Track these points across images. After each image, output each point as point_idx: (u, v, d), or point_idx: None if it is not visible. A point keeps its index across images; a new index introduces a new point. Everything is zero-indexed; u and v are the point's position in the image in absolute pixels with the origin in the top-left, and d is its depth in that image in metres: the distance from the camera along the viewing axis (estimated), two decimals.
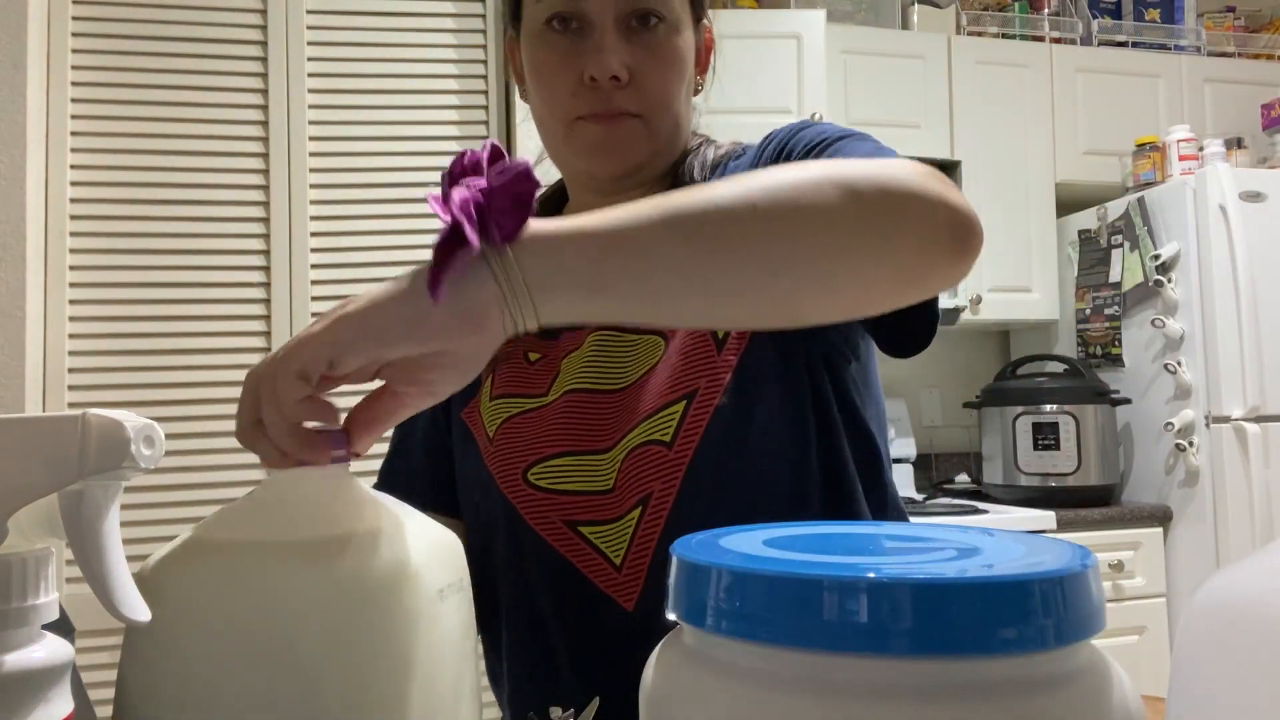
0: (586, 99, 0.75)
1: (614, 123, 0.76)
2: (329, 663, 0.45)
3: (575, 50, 0.75)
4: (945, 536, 0.34)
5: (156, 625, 0.42)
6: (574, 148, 0.78)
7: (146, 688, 0.46)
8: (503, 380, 0.82)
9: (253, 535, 0.47)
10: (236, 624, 0.45)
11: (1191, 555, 2.48)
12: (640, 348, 0.77)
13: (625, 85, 0.75)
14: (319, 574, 0.46)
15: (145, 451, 0.39)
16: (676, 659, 0.32)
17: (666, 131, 0.79)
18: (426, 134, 2.23)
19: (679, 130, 0.81)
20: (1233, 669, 0.33)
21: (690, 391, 0.73)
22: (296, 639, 0.45)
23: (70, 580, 1.86)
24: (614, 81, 0.74)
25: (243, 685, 0.44)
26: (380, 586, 0.46)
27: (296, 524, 0.48)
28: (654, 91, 0.76)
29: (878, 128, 2.70)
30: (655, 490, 0.73)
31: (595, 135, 0.76)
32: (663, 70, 0.76)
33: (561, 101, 0.76)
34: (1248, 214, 2.47)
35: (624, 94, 0.75)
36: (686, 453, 0.72)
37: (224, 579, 0.46)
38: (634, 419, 0.74)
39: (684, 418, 0.73)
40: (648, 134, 0.77)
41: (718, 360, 0.74)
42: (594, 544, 0.75)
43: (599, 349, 0.78)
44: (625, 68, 0.74)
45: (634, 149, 0.78)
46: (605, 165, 0.78)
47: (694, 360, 0.74)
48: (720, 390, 0.73)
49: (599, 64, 0.73)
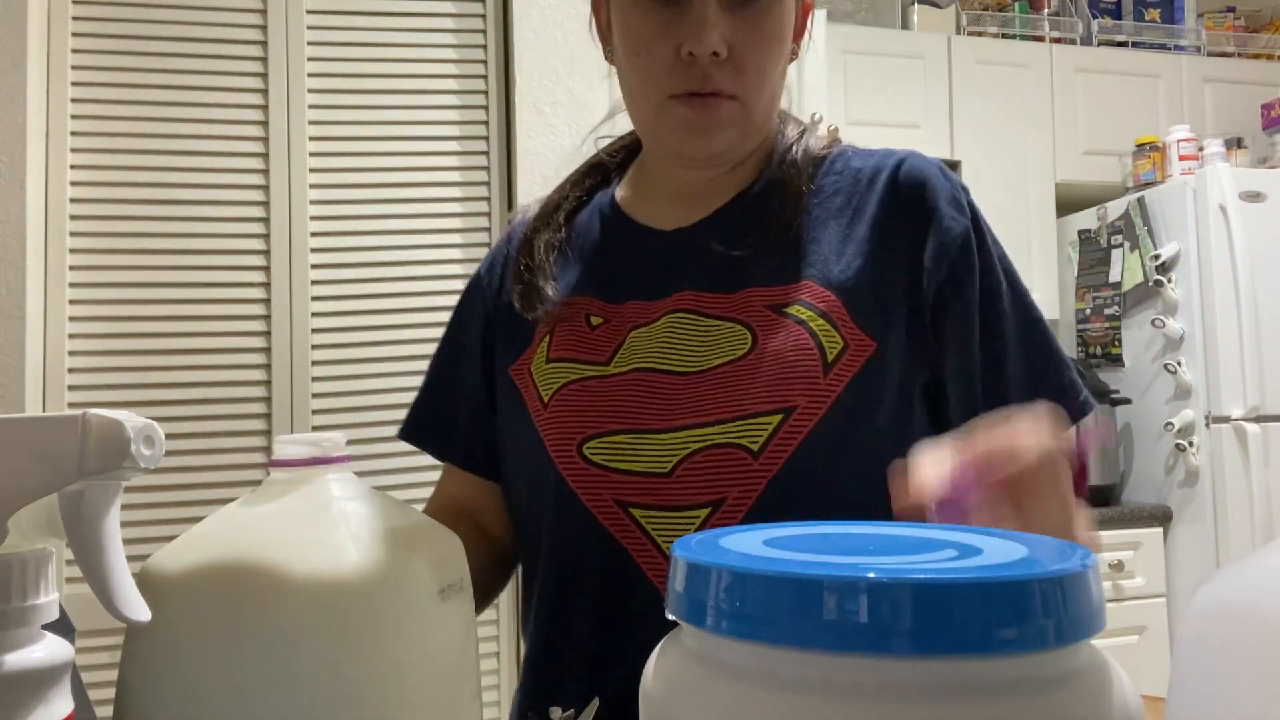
0: (683, 75, 0.72)
1: (709, 106, 0.73)
2: (328, 664, 0.45)
3: (674, 22, 0.71)
4: (945, 536, 0.34)
5: (156, 625, 0.42)
6: (665, 125, 0.76)
7: (146, 688, 0.46)
8: (562, 343, 0.79)
9: (253, 535, 0.47)
10: (236, 623, 0.45)
11: (1191, 555, 2.48)
12: (721, 334, 0.74)
13: (723, 62, 0.72)
14: (319, 574, 0.46)
15: (145, 451, 0.39)
16: (676, 659, 0.32)
17: (761, 112, 0.77)
18: (426, 134, 2.23)
19: (772, 109, 0.79)
20: (1233, 669, 0.33)
21: (789, 407, 0.70)
22: (297, 640, 0.45)
23: (70, 580, 1.86)
24: (713, 58, 0.71)
25: (243, 686, 0.44)
26: (381, 586, 0.46)
27: (298, 524, 0.48)
28: (752, 71, 0.73)
29: (878, 128, 2.71)
30: (731, 496, 0.70)
31: (688, 116, 0.74)
32: (764, 48, 0.73)
33: (657, 76, 0.73)
34: (1248, 214, 2.47)
35: (721, 71, 0.72)
36: (773, 466, 0.70)
37: (224, 579, 0.46)
38: (711, 411, 0.72)
39: (777, 431, 0.70)
40: (743, 116, 0.75)
41: (823, 381, 0.71)
42: (645, 528, 0.72)
43: (676, 329, 0.76)
44: (725, 43, 0.71)
45: (726, 132, 0.75)
46: (695, 147, 0.76)
47: (797, 375, 0.71)
48: (822, 412, 0.70)
49: (699, 39, 0.70)
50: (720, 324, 0.75)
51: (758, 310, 0.74)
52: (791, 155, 0.80)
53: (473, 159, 2.24)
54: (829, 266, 0.75)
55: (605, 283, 0.81)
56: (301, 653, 0.44)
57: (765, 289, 0.75)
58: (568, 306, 0.80)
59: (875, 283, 0.75)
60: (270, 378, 2.11)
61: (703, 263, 0.78)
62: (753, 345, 0.73)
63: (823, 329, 0.73)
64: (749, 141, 0.79)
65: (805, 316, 0.73)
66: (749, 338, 0.73)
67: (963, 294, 0.75)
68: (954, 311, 0.75)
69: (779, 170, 0.80)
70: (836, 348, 0.72)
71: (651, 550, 0.72)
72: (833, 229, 0.77)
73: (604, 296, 0.80)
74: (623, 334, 0.78)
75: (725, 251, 0.77)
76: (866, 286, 0.74)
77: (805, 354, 0.72)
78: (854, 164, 0.81)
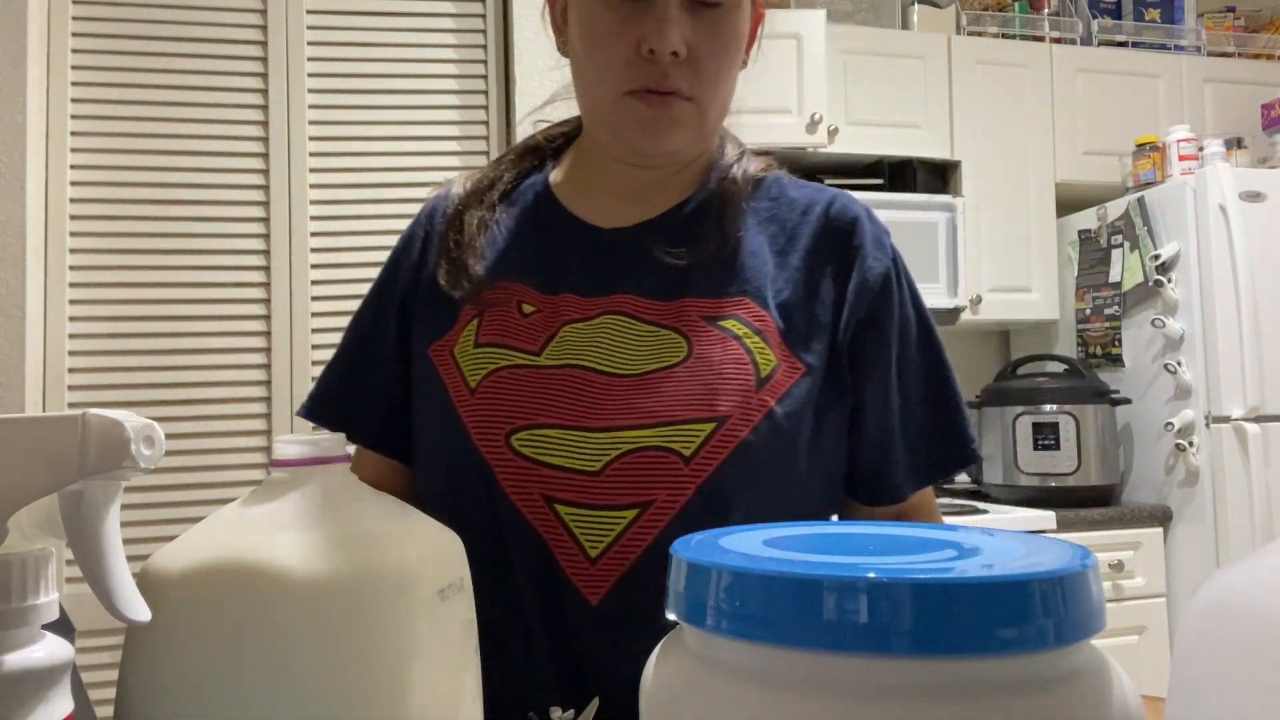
0: (641, 72, 0.73)
1: (665, 104, 0.74)
2: (329, 663, 0.45)
3: (636, 18, 0.72)
4: (945, 536, 0.34)
5: (156, 625, 0.42)
6: (621, 121, 0.76)
7: (147, 687, 0.46)
8: (492, 328, 0.78)
9: (253, 535, 0.47)
10: (236, 623, 0.45)
11: (1191, 555, 2.48)
12: (657, 341, 0.75)
13: (681, 63, 0.72)
14: (319, 574, 0.46)
15: (145, 451, 0.39)
16: (677, 659, 0.32)
17: (714, 116, 0.78)
18: (426, 134, 2.23)
19: (723, 114, 0.80)
20: (1233, 669, 0.33)
21: (722, 416, 0.72)
22: (296, 639, 0.45)
23: (70, 580, 1.86)
24: (672, 57, 0.72)
25: (242, 685, 0.44)
26: (381, 586, 0.46)
27: (297, 523, 0.48)
28: (709, 73, 0.74)
29: (878, 128, 2.71)
30: (660, 498, 0.71)
31: (644, 114, 0.74)
32: (721, 52, 0.74)
33: (615, 71, 0.73)
34: (1248, 214, 2.47)
35: (679, 71, 0.73)
36: (703, 472, 0.71)
37: (224, 579, 0.46)
38: (644, 414, 0.73)
39: (709, 439, 0.72)
40: (698, 118, 0.76)
41: (755, 396, 0.73)
42: (569, 525, 0.72)
43: (611, 331, 0.76)
44: (685, 44, 0.72)
45: (682, 133, 0.76)
46: (650, 145, 0.76)
47: (732, 387, 0.73)
48: (753, 424, 0.73)
49: (661, 37, 0.70)
50: (656, 330, 0.76)
51: (693, 320, 0.76)
52: (733, 173, 0.82)
53: (473, 159, 2.24)
54: (765, 287, 0.78)
55: (539, 272, 0.80)
56: (301, 653, 0.44)
57: (702, 300, 0.77)
58: (498, 290, 0.79)
59: (805, 310, 0.78)
60: (270, 378, 2.11)
61: (642, 267, 0.78)
62: (688, 354, 0.74)
63: (757, 346, 0.75)
64: (700, 144, 0.80)
65: (740, 332, 0.76)
66: (684, 346, 0.75)
67: (880, 333, 0.79)
68: (870, 350, 0.79)
69: (721, 185, 0.82)
70: (770, 365, 0.75)
71: (573, 548, 0.73)
72: (768, 251, 0.80)
73: (538, 286, 0.79)
74: (555, 326, 0.77)
75: (665, 259, 0.78)
76: (797, 313, 0.78)
77: (740, 367, 0.74)
78: (790, 193, 0.84)
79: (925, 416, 0.82)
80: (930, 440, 0.82)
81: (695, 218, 0.81)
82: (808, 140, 2.56)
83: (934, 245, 2.68)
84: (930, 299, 2.67)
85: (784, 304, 0.78)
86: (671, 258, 0.78)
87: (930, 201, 2.69)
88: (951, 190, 2.81)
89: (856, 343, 0.79)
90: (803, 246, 0.80)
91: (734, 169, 0.83)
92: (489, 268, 0.81)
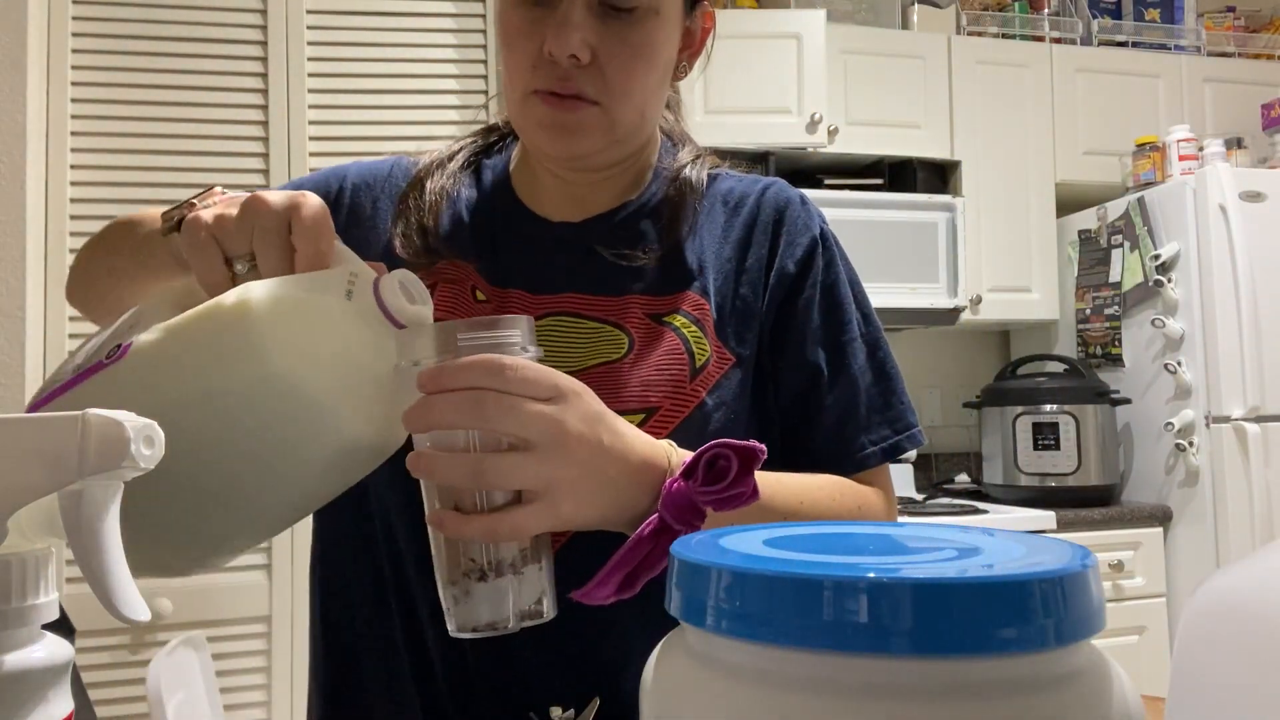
0: (544, 73, 0.72)
1: (567, 105, 0.73)
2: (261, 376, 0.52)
3: (542, 20, 0.72)
4: (945, 536, 0.34)
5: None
6: (527, 120, 0.76)
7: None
8: (444, 304, 0.78)
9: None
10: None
11: (1191, 555, 2.48)
12: (600, 337, 0.76)
13: (586, 66, 0.71)
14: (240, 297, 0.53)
15: (145, 451, 0.39)
16: (676, 659, 0.32)
17: (627, 122, 0.76)
18: (426, 134, 2.23)
19: (644, 121, 0.79)
20: (1233, 669, 0.33)
21: (652, 407, 0.73)
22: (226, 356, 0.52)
23: (70, 580, 1.86)
24: (573, 60, 0.71)
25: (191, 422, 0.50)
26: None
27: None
28: (616, 79, 0.73)
29: (878, 128, 2.71)
30: None
31: (546, 114, 0.73)
32: (629, 60, 0.73)
33: (522, 71, 0.73)
34: (1248, 214, 2.47)
35: (584, 75, 0.72)
36: None
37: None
38: None
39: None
40: (606, 123, 0.75)
41: (688, 386, 0.75)
42: None
43: (557, 329, 0.77)
44: (587, 48, 0.71)
45: (586, 136, 0.75)
46: (553, 146, 0.76)
47: (665, 378, 0.74)
48: (684, 415, 0.74)
49: (558, 40, 0.70)
50: (600, 327, 0.77)
51: (637, 317, 0.77)
52: (686, 174, 0.82)
53: None
54: (706, 279, 0.79)
55: (490, 261, 0.80)
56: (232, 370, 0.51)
57: (647, 298, 0.78)
58: (453, 268, 0.79)
59: (736, 300, 0.80)
60: None
61: (588, 266, 0.79)
62: (629, 349, 0.76)
63: (695, 336, 0.77)
64: (617, 149, 0.79)
65: (680, 324, 0.77)
66: (625, 342, 0.76)
67: (810, 316, 0.80)
68: (799, 334, 0.80)
69: (672, 188, 0.82)
70: (704, 355, 0.76)
71: None
72: (708, 245, 0.81)
73: (488, 277, 0.79)
74: None
75: (611, 258, 0.79)
76: (729, 303, 0.79)
77: (675, 359, 0.75)
78: (725, 185, 0.85)
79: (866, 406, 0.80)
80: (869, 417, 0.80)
81: (643, 216, 0.82)
82: (808, 140, 2.56)
83: (934, 245, 2.68)
84: (930, 299, 2.67)
85: (719, 294, 0.79)
86: (616, 258, 0.79)
87: (930, 201, 2.69)
88: (951, 190, 2.81)
89: (783, 328, 0.80)
90: (735, 238, 0.82)
91: (687, 170, 0.83)
92: (446, 237, 0.81)
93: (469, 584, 0.55)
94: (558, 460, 0.54)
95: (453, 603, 0.55)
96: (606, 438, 0.57)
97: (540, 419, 0.54)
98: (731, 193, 0.85)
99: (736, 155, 0.89)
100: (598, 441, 0.56)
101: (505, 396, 0.53)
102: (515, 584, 0.55)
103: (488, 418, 0.53)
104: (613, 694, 0.69)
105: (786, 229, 0.82)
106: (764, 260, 0.81)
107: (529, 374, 0.54)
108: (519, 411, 0.53)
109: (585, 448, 0.56)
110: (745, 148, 2.45)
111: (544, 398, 0.55)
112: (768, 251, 0.81)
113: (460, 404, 0.53)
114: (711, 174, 0.86)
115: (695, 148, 0.88)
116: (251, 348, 0.51)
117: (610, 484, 0.58)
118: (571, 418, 0.55)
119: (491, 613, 0.55)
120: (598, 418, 0.57)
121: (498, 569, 0.55)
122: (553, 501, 0.55)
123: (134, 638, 1.97)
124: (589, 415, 0.57)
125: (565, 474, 0.55)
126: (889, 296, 2.59)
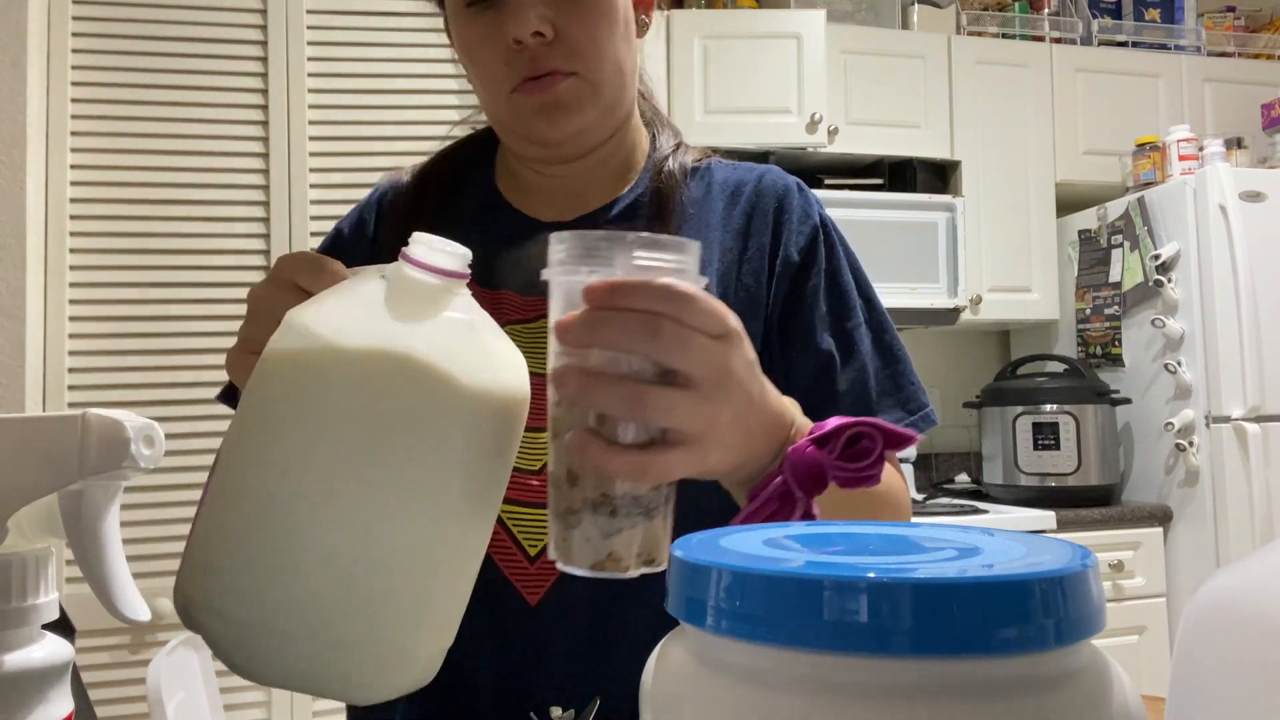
0: (516, 65, 0.73)
1: (546, 86, 0.74)
2: (465, 468, 0.51)
3: (497, 20, 0.73)
4: (945, 536, 0.34)
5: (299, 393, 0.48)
6: (518, 118, 0.76)
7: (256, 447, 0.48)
8: None
9: (413, 332, 0.51)
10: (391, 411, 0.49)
11: (1191, 555, 2.48)
12: None
13: (552, 42, 0.72)
14: (483, 386, 0.52)
15: (145, 451, 0.39)
16: (677, 659, 0.32)
17: (610, 84, 0.76)
18: (426, 134, 2.23)
19: (625, 81, 0.78)
20: (1233, 669, 0.33)
21: None
22: (444, 438, 0.50)
23: (70, 580, 1.86)
24: (539, 38, 0.72)
25: (371, 467, 0.48)
26: (521, 411, 0.54)
27: (455, 338, 0.53)
28: (584, 44, 0.73)
29: (878, 128, 2.71)
30: None
31: (532, 101, 0.74)
32: (589, 23, 0.73)
33: (495, 74, 0.74)
34: (1248, 214, 2.47)
35: (553, 52, 0.73)
36: None
37: (377, 373, 0.49)
38: None
39: None
40: (590, 90, 0.75)
41: None
42: (507, 526, 0.73)
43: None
44: (547, 22, 0.72)
45: (579, 110, 0.75)
46: (551, 130, 0.76)
47: None
48: None
49: (518, 23, 0.71)
50: None
51: None
52: (668, 166, 0.82)
53: None
54: (708, 268, 0.79)
55: (482, 264, 0.80)
56: (446, 454, 0.49)
57: None
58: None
59: (740, 288, 0.79)
60: None
61: None
62: None
63: None
64: (607, 118, 0.79)
65: None
66: None
67: (817, 304, 0.79)
68: (807, 322, 0.79)
69: (658, 180, 0.82)
70: None
71: (511, 547, 0.73)
72: (708, 234, 0.81)
73: (480, 280, 0.79)
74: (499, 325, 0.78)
75: None
76: (733, 291, 0.79)
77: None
78: (720, 175, 0.85)
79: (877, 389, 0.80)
80: (879, 397, 0.80)
81: (633, 213, 0.82)
82: (808, 140, 2.56)
83: (934, 245, 2.68)
84: (930, 299, 2.67)
85: (722, 282, 0.79)
86: None
87: (930, 201, 2.69)
88: (951, 190, 2.81)
89: (789, 315, 0.80)
90: (735, 226, 0.82)
91: (669, 162, 0.83)
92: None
93: (598, 518, 0.49)
94: (717, 403, 0.50)
95: (570, 536, 0.49)
96: (756, 388, 0.54)
97: (711, 358, 0.49)
98: (728, 181, 0.84)
99: (737, 155, 0.89)
100: (751, 391, 0.53)
101: (682, 327, 0.48)
102: (644, 526, 0.50)
103: (662, 348, 0.48)
104: (612, 694, 0.69)
105: (788, 216, 0.82)
106: (766, 248, 0.81)
107: (708, 306, 0.49)
108: (693, 346, 0.48)
109: (741, 395, 0.52)
110: (745, 148, 2.45)
111: (716, 334, 0.50)
112: (770, 239, 0.81)
113: (634, 326, 0.47)
114: (705, 164, 0.86)
115: (675, 134, 0.87)
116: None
117: (749, 436, 0.54)
118: (737, 361, 0.51)
119: (615, 552, 0.49)
120: (753, 365, 0.54)
121: (630, 507, 0.49)
122: (703, 446, 0.50)
123: (134, 638, 1.97)
124: (749, 362, 0.53)
125: (720, 419, 0.51)
126: (889, 296, 2.59)
